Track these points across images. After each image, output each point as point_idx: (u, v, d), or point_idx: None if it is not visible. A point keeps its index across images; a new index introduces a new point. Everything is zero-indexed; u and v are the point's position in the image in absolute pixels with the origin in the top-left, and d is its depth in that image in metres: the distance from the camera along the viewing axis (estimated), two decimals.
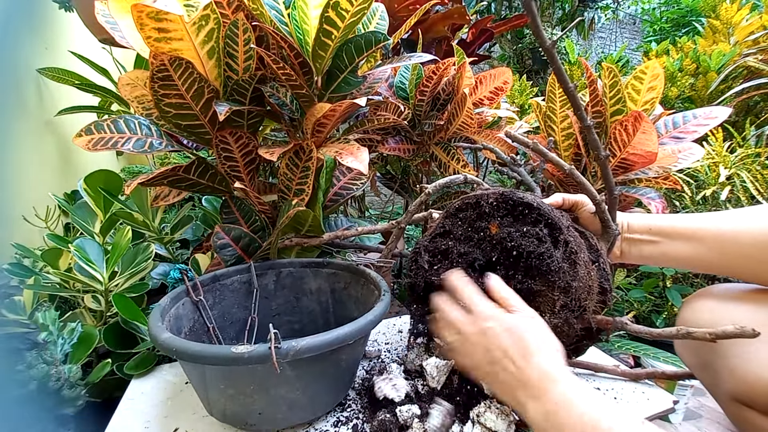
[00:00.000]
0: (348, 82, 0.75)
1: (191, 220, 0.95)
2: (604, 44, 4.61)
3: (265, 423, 0.53)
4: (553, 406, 0.40)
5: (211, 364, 0.47)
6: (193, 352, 0.46)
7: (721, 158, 1.18)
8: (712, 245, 0.51)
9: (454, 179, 0.66)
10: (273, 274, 0.75)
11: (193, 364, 0.49)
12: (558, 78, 0.45)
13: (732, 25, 1.73)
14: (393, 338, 0.79)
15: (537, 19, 0.40)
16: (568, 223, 0.55)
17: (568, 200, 0.60)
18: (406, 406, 0.53)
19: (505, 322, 0.46)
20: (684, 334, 0.47)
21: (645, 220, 0.58)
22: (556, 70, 0.44)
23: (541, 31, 0.41)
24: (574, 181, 0.54)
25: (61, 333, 0.64)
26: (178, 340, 0.48)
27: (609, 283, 0.55)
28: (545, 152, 0.55)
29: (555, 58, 0.42)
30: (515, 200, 0.54)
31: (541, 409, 0.40)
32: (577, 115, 0.47)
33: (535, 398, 0.41)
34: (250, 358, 0.44)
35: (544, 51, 0.42)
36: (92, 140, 0.60)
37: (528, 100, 1.74)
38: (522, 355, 0.44)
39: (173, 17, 0.56)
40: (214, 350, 0.46)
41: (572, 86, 0.44)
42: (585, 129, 0.48)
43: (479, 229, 0.56)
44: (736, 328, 0.42)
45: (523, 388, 0.43)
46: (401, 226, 0.69)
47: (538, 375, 0.42)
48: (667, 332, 0.49)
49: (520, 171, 0.81)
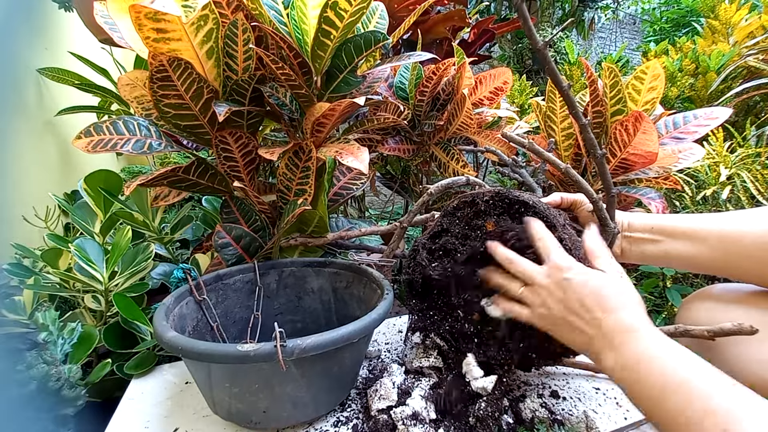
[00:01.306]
0: (347, 81, 0.75)
1: (191, 220, 0.95)
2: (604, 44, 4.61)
3: (270, 421, 0.53)
4: (632, 358, 0.39)
5: (217, 363, 0.48)
6: (200, 350, 0.46)
7: (721, 158, 1.18)
8: (715, 245, 0.51)
9: (456, 180, 0.67)
10: (275, 273, 0.75)
11: (198, 362, 0.49)
12: (552, 79, 0.45)
13: (731, 25, 1.73)
14: (393, 338, 0.79)
15: (528, 21, 0.40)
16: (565, 221, 0.56)
17: (567, 199, 0.60)
18: (399, 408, 0.54)
19: (586, 275, 0.45)
20: (682, 332, 0.47)
21: (647, 219, 0.57)
22: (550, 71, 0.44)
23: (534, 32, 0.41)
24: (571, 180, 0.55)
25: (61, 333, 0.64)
26: (184, 339, 0.48)
27: None
28: (541, 152, 0.55)
29: (548, 59, 0.43)
30: (511, 199, 0.55)
31: (620, 361, 0.40)
32: (572, 115, 0.48)
33: (613, 349, 0.41)
34: (256, 356, 0.45)
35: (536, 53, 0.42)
36: (91, 142, 0.60)
37: (528, 100, 1.74)
38: (602, 309, 0.43)
39: (171, 18, 0.56)
40: (221, 348, 0.46)
41: (567, 86, 0.44)
42: (581, 128, 0.48)
43: (476, 227, 0.57)
44: (733, 325, 0.43)
45: (600, 339, 0.42)
46: (403, 227, 0.69)
47: (617, 327, 0.41)
48: (665, 330, 0.49)
49: (521, 172, 0.81)
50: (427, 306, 0.62)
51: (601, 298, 0.43)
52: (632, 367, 0.39)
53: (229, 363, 0.47)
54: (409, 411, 0.53)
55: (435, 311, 0.62)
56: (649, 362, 0.38)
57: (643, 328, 0.40)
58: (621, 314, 0.42)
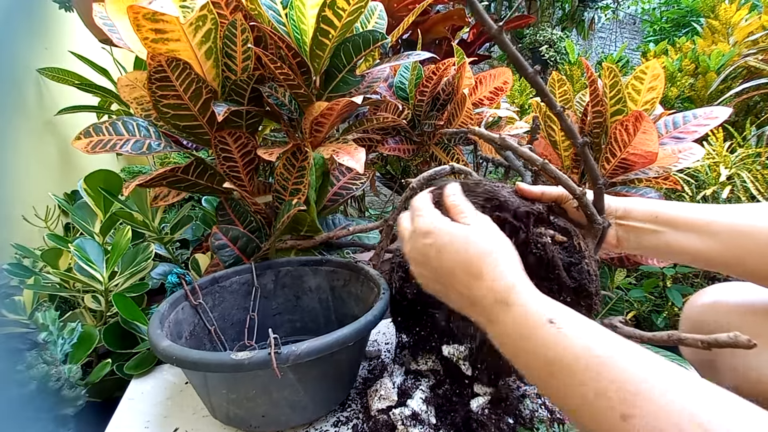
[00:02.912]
0: (346, 81, 0.75)
1: (191, 220, 0.95)
2: (604, 44, 4.61)
3: (269, 425, 0.53)
4: (503, 326, 0.37)
5: (211, 372, 0.47)
6: (193, 359, 0.46)
7: (721, 158, 1.18)
8: (725, 240, 0.47)
9: (440, 170, 0.63)
10: (272, 273, 0.75)
11: (194, 371, 0.49)
12: (515, 65, 0.42)
13: (731, 25, 1.73)
14: (393, 338, 0.79)
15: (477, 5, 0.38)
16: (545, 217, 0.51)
17: (549, 194, 0.54)
18: (399, 409, 0.54)
19: (449, 235, 0.42)
20: (675, 340, 0.45)
21: (650, 207, 0.52)
22: (511, 57, 0.41)
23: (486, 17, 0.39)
24: (549, 176, 0.51)
25: (61, 333, 0.64)
26: (178, 348, 0.48)
27: (595, 285, 0.51)
28: (515, 147, 0.53)
29: (506, 44, 0.40)
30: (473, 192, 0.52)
31: (498, 331, 0.38)
32: (545, 102, 0.45)
33: (491, 322, 0.39)
34: (251, 365, 0.44)
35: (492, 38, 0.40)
36: (91, 143, 0.60)
37: (528, 100, 1.74)
38: (471, 273, 0.40)
39: (170, 18, 0.56)
40: (214, 357, 0.46)
41: (533, 72, 0.41)
42: (557, 116, 0.45)
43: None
44: (730, 337, 0.39)
45: (478, 312, 0.40)
46: (389, 224, 0.68)
47: (488, 297, 0.38)
48: (658, 336, 0.47)
49: (507, 155, 0.79)
50: (410, 324, 0.60)
51: (466, 259, 0.40)
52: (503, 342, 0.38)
53: (224, 372, 0.47)
54: (409, 411, 0.53)
55: (419, 327, 0.59)
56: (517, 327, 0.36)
57: (511, 294, 0.38)
58: (488, 279, 0.39)
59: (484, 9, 0.41)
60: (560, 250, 0.50)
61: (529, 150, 0.53)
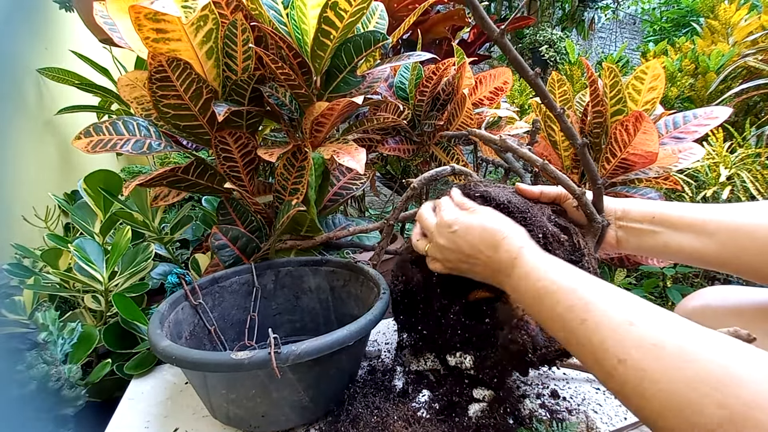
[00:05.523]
0: (347, 81, 0.75)
1: (191, 220, 0.95)
2: (604, 44, 4.61)
3: (269, 425, 0.53)
4: (517, 280, 0.46)
5: (211, 371, 0.47)
6: (193, 359, 0.46)
7: (721, 158, 1.18)
8: (724, 240, 0.47)
9: (441, 171, 0.65)
10: (272, 273, 0.75)
11: (193, 371, 0.49)
12: (516, 67, 0.44)
13: (731, 25, 1.73)
14: (393, 338, 0.79)
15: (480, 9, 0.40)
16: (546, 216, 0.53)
17: (548, 193, 0.56)
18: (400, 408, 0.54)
19: (468, 221, 0.51)
20: None
21: (647, 207, 0.53)
22: (513, 60, 0.43)
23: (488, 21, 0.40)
24: (548, 176, 0.53)
25: (61, 333, 0.64)
26: (178, 348, 0.48)
27: None
28: (515, 148, 0.54)
29: (508, 47, 0.42)
30: (470, 193, 0.56)
31: (513, 284, 0.46)
32: (545, 104, 0.46)
33: (508, 276, 0.47)
34: (250, 364, 0.44)
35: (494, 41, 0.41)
36: (91, 142, 0.60)
37: (528, 100, 1.74)
38: (490, 245, 0.48)
39: (171, 18, 0.56)
40: (214, 357, 0.46)
41: (533, 74, 0.43)
42: (557, 117, 0.46)
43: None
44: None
45: (498, 272, 0.48)
46: (389, 224, 0.68)
47: (507, 258, 0.47)
48: None
49: (506, 156, 0.80)
50: (410, 326, 0.62)
51: (486, 237, 0.49)
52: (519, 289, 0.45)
53: (224, 372, 0.47)
54: (410, 411, 0.53)
55: (421, 325, 0.61)
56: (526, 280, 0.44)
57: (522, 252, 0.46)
58: (506, 245, 0.47)
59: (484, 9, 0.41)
60: (561, 249, 0.51)
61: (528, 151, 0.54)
